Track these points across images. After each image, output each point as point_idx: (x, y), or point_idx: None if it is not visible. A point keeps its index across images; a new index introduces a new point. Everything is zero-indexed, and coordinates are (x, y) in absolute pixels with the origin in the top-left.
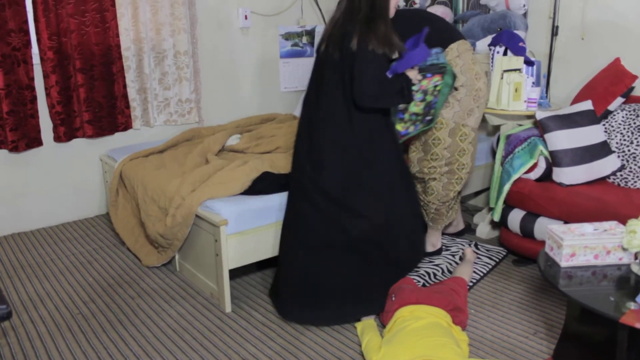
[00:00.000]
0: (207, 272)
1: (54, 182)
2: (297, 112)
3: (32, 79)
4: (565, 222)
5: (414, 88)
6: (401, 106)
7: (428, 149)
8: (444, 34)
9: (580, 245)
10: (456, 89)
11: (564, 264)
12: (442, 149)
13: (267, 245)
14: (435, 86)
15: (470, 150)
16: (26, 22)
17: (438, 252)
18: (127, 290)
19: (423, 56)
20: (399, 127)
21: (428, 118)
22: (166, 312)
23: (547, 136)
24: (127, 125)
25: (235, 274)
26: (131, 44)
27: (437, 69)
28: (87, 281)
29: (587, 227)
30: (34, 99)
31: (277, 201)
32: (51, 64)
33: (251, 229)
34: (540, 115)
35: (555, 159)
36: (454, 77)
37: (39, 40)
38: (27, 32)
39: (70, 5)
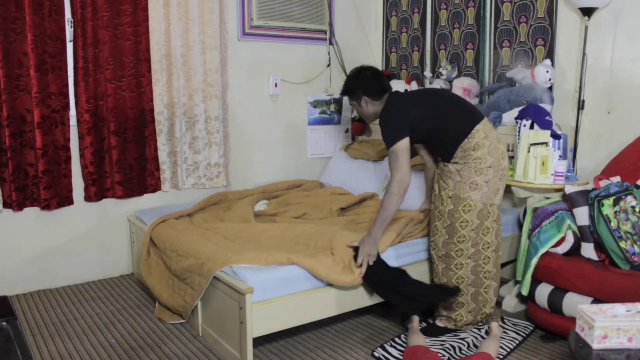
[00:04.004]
0: (230, 339)
1: (81, 240)
2: (324, 179)
3: (68, 139)
4: (595, 299)
5: (616, 209)
6: (613, 225)
7: (454, 232)
8: (474, 113)
9: (612, 327)
10: None
11: (596, 345)
12: (469, 231)
13: (292, 314)
14: (633, 207)
15: (494, 228)
16: (66, 85)
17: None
18: (149, 354)
19: None
20: (622, 244)
21: None
22: None
23: (575, 211)
24: (156, 187)
25: (258, 341)
26: (164, 108)
27: (624, 190)
28: (110, 343)
29: (619, 308)
30: (68, 159)
31: (304, 270)
32: (87, 126)
33: (277, 297)
34: (570, 189)
35: (584, 234)
36: None
37: (76, 103)
38: (66, 95)
39: (108, 70)
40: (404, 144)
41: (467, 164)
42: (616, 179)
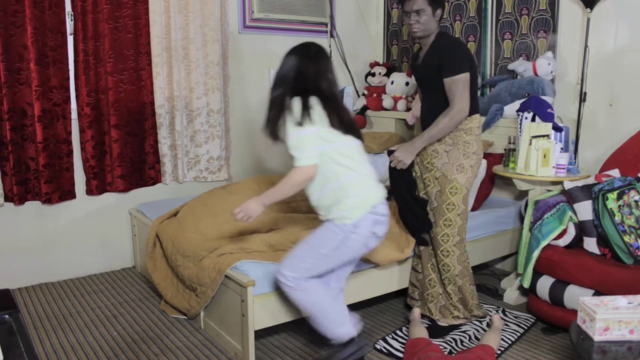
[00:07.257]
0: (232, 331)
1: (83, 234)
2: None
3: (70, 133)
4: (597, 291)
5: (619, 203)
6: (617, 219)
7: (441, 214)
8: (477, 103)
9: (614, 319)
10: None
11: (597, 338)
12: (455, 215)
13: (294, 307)
14: (636, 201)
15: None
16: (67, 79)
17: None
18: (151, 347)
19: None
20: (626, 238)
21: None
22: None
23: (576, 206)
24: (156, 180)
25: (260, 334)
26: (165, 101)
27: (628, 185)
28: (112, 335)
29: (621, 301)
30: (69, 153)
31: None
32: (88, 120)
33: (279, 290)
34: (569, 185)
35: (585, 230)
36: None
37: (77, 97)
38: (67, 89)
39: (109, 63)
40: (467, 77)
41: (457, 145)
42: (615, 171)
